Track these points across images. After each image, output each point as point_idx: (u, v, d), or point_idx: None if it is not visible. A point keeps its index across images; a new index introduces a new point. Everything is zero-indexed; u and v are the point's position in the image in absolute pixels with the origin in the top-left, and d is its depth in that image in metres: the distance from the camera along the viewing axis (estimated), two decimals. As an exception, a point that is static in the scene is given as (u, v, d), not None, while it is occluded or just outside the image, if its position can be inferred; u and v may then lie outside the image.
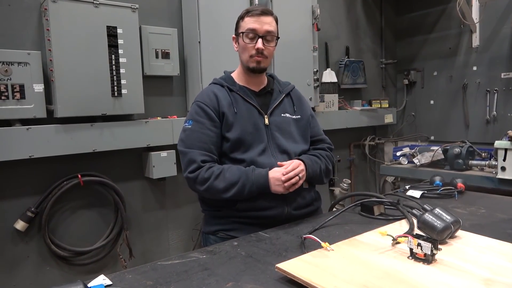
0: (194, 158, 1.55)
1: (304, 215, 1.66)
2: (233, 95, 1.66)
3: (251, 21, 1.61)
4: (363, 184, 4.37)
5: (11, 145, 2.10)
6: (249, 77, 1.71)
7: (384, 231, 1.24)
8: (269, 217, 1.57)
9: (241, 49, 1.66)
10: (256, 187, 1.51)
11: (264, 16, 1.63)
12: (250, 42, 1.62)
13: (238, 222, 1.60)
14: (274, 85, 1.78)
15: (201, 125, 1.60)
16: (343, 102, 3.88)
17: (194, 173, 1.55)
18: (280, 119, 1.69)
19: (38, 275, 2.37)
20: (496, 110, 3.63)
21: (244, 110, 1.65)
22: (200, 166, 1.55)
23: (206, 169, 1.54)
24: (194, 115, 1.63)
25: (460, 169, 3.27)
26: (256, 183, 1.51)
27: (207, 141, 1.58)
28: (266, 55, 1.64)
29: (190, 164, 1.56)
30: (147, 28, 2.60)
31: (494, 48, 3.65)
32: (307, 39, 3.26)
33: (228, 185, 1.51)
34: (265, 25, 1.61)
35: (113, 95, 2.38)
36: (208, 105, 1.62)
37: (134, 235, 2.71)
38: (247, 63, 1.65)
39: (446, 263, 1.07)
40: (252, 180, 1.51)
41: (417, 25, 4.28)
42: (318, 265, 1.07)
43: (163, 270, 1.15)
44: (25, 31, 2.29)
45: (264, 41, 1.61)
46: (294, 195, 1.60)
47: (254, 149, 1.61)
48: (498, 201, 1.83)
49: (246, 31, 1.61)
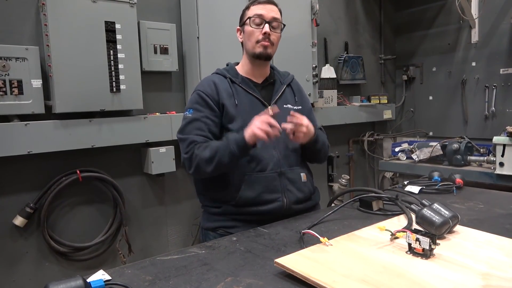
0: (191, 140, 1.57)
1: (303, 210, 1.66)
2: (235, 87, 1.67)
3: (258, 8, 1.64)
4: (362, 179, 4.38)
5: (9, 141, 2.10)
6: (253, 66, 1.71)
7: (382, 226, 1.24)
8: (269, 212, 1.57)
9: (247, 36, 1.66)
10: (235, 143, 1.49)
11: (270, 4, 1.66)
12: (257, 27, 1.63)
13: (238, 219, 1.60)
14: (275, 76, 1.79)
15: (201, 114, 1.61)
16: (342, 98, 3.87)
17: (188, 153, 1.56)
18: (283, 110, 1.69)
19: (37, 270, 2.37)
20: (495, 106, 3.63)
21: (246, 102, 1.65)
22: (194, 146, 1.57)
23: (198, 147, 1.55)
24: (194, 104, 1.64)
25: (459, 164, 3.27)
26: (234, 140, 1.50)
27: (205, 129, 1.59)
28: (272, 41, 1.65)
29: (187, 147, 1.58)
30: (145, 24, 2.59)
31: (493, 44, 3.65)
32: (306, 35, 3.25)
33: (212, 153, 1.51)
34: (271, 12, 1.64)
35: (111, 90, 2.37)
36: (208, 95, 1.63)
37: (133, 231, 2.72)
38: (253, 49, 1.65)
39: (445, 257, 1.07)
40: (231, 139, 1.51)
41: (416, 20, 4.27)
42: (317, 260, 1.07)
43: (162, 265, 1.16)
44: (23, 26, 2.28)
45: (270, 28, 1.62)
46: (291, 187, 1.61)
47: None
48: (496, 196, 1.83)
49: (253, 16, 1.63)
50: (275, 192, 1.58)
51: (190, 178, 2.95)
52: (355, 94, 4.10)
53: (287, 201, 1.60)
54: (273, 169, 1.60)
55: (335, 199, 1.97)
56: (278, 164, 1.61)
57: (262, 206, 1.58)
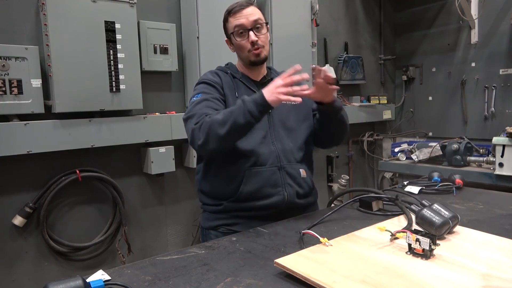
0: (201, 113, 1.50)
1: (304, 205, 1.66)
2: (236, 82, 1.68)
3: (235, 19, 1.62)
4: (362, 180, 4.38)
5: (8, 140, 2.10)
6: (250, 69, 1.72)
7: (382, 226, 1.24)
8: (271, 206, 1.57)
9: (237, 48, 1.67)
10: (253, 101, 1.42)
11: (245, 9, 1.62)
12: (242, 38, 1.62)
13: (240, 216, 1.60)
14: (272, 75, 1.79)
15: (210, 95, 1.59)
16: (341, 98, 3.87)
17: (199, 123, 1.48)
18: (281, 105, 1.68)
19: (36, 270, 2.37)
20: (494, 107, 3.64)
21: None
22: (204, 116, 1.49)
23: (210, 115, 1.48)
24: (202, 88, 1.62)
25: (458, 165, 3.27)
26: (251, 99, 1.43)
27: (215, 107, 1.54)
28: (262, 44, 1.63)
29: (197, 118, 1.49)
30: (145, 23, 2.58)
31: (492, 44, 3.65)
32: (306, 35, 3.25)
33: (227, 114, 1.43)
34: (250, 16, 1.61)
35: (111, 90, 2.37)
36: (214, 82, 1.64)
37: (133, 231, 2.71)
38: (247, 59, 1.65)
39: (445, 258, 1.07)
40: (247, 99, 1.44)
41: (416, 20, 4.27)
42: (317, 260, 1.07)
43: (162, 265, 1.15)
44: (23, 26, 2.27)
45: (255, 32, 1.62)
46: (291, 181, 1.61)
47: (253, 136, 1.60)
48: (496, 197, 1.83)
49: (235, 29, 1.62)
50: (276, 185, 1.58)
51: (190, 179, 2.96)
52: (355, 94, 4.11)
53: (288, 194, 1.60)
54: (273, 164, 1.60)
55: (335, 199, 1.97)
56: (277, 159, 1.62)
57: (263, 200, 1.57)
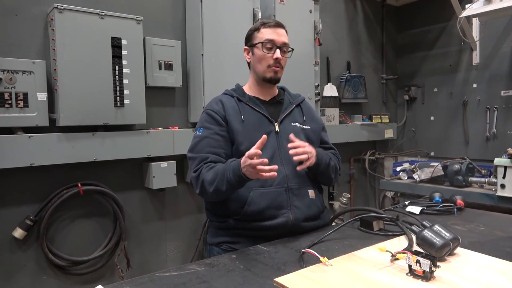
0: (201, 158, 1.57)
1: (312, 228, 1.63)
2: (242, 105, 1.69)
3: (268, 32, 1.66)
4: (363, 198, 4.37)
5: (12, 153, 2.11)
6: (262, 88, 1.74)
7: (383, 247, 1.24)
8: (273, 227, 1.55)
9: (257, 59, 1.69)
10: (232, 172, 1.45)
11: (279, 28, 1.69)
12: (268, 52, 1.66)
13: (242, 235, 1.59)
14: (284, 95, 1.81)
15: (210, 131, 1.62)
16: (343, 116, 3.90)
17: (197, 172, 1.56)
18: (290, 127, 1.70)
19: (35, 284, 2.35)
20: (496, 128, 3.65)
21: (253, 120, 1.66)
22: (203, 165, 1.56)
23: (206, 166, 1.55)
24: (204, 122, 1.66)
25: (460, 185, 3.27)
26: (231, 168, 1.46)
27: (216, 146, 1.60)
28: (282, 65, 1.69)
29: (197, 165, 1.57)
30: (151, 40, 2.63)
31: (494, 66, 3.69)
32: (309, 54, 3.30)
33: (214, 176, 1.50)
34: (281, 37, 1.67)
35: (115, 105, 2.39)
36: (215, 111, 1.66)
37: (132, 246, 2.70)
38: (263, 73, 1.68)
39: (445, 280, 1.07)
40: (229, 167, 1.47)
41: (418, 41, 4.33)
42: (316, 280, 1.06)
43: (161, 282, 1.15)
44: (31, 41, 2.32)
45: (281, 52, 1.66)
46: (299, 203, 1.59)
47: (261, 156, 1.59)
48: (497, 219, 1.83)
49: (265, 41, 1.65)
50: (281, 207, 1.56)
51: (191, 194, 2.96)
52: (357, 112, 4.13)
53: (293, 217, 1.57)
54: (280, 184, 1.58)
55: (336, 218, 1.96)
56: (285, 179, 1.60)
57: (266, 221, 1.55)
